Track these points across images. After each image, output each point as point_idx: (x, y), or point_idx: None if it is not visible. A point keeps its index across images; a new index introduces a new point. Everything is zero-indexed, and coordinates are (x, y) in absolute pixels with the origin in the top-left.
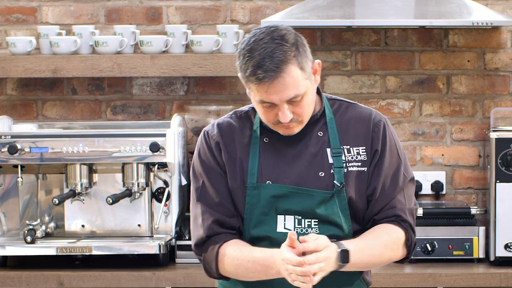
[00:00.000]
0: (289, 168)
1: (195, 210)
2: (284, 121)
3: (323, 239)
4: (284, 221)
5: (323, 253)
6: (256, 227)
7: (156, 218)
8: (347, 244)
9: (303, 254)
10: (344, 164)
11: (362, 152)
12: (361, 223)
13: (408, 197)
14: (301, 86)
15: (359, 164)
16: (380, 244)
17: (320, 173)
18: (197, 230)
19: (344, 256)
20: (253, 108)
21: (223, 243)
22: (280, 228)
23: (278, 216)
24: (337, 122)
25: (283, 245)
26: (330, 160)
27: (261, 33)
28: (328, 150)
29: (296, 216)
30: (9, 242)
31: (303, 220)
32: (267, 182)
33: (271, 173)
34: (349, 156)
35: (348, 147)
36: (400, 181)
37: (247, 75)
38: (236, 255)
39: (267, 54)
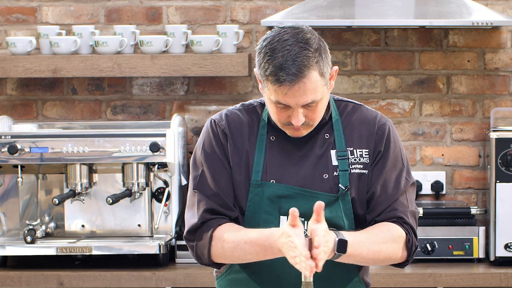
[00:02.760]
0: (294, 169)
1: (192, 199)
2: (297, 125)
3: (325, 225)
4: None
5: (325, 237)
6: (259, 226)
7: (156, 218)
8: (346, 234)
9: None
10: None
11: (365, 154)
12: (363, 226)
13: (410, 200)
14: (319, 92)
15: (361, 166)
16: (379, 240)
17: (324, 175)
18: (192, 218)
19: (342, 245)
20: (260, 103)
21: (217, 227)
22: None
23: (281, 216)
24: (343, 124)
25: (287, 225)
26: (334, 162)
27: (285, 34)
28: (333, 152)
29: (299, 217)
30: (9, 242)
31: (306, 222)
32: (271, 181)
33: (275, 172)
34: (352, 158)
35: (352, 149)
36: (402, 184)
37: (267, 75)
38: (231, 237)
39: (290, 57)
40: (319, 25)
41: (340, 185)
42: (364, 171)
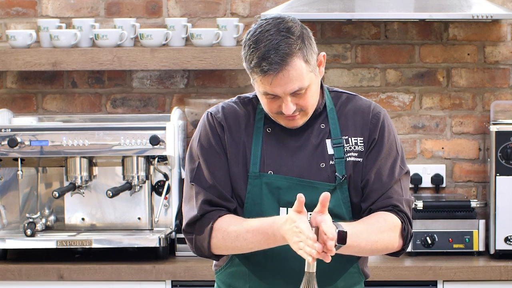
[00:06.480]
0: (292, 159)
1: (189, 192)
2: (287, 113)
3: (330, 217)
4: (287, 213)
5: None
6: (259, 217)
7: (156, 211)
8: (344, 226)
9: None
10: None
11: (360, 142)
12: (358, 213)
13: (405, 188)
14: (305, 79)
15: (356, 154)
16: (376, 230)
17: (321, 164)
18: (190, 211)
19: (342, 237)
20: (256, 96)
21: (217, 219)
22: None
23: (281, 208)
24: (338, 113)
25: (292, 211)
26: (330, 151)
27: (267, 24)
28: (328, 141)
29: None
30: (9, 235)
31: (306, 212)
32: (269, 172)
33: (273, 163)
34: (348, 146)
35: (347, 137)
36: (396, 172)
37: (252, 67)
38: (233, 228)
39: (272, 47)
40: (319, 18)
41: (337, 173)
42: (359, 159)
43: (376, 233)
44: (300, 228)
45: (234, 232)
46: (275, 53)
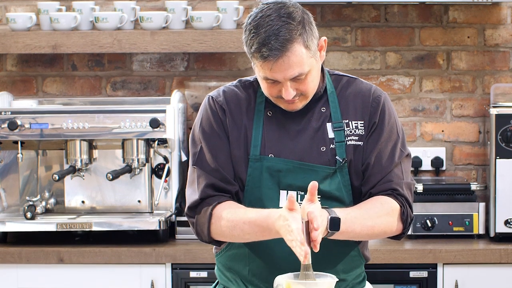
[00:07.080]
0: (292, 143)
1: (192, 175)
2: (287, 98)
3: (319, 205)
4: (287, 195)
5: (321, 218)
6: (258, 201)
7: (156, 194)
8: (338, 212)
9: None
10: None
11: (361, 126)
12: (359, 197)
13: (405, 171)
14: (306, 65)
15: (357, 138)
16: (373, 215)
17: (321, 147)
18: (192, 194)
19: (335, 223)
20: (257, 79)
21: (216, 205)
22: (282, 204)
23: (281, 191)
24: (338, 97)
25: (285, 208)
26: (330, 135)
27: (268, 9)
28: (329, 124)
29: (299, 191)
30: (9, 218)
31: (305, 195)
32: (269, 155)
33: (274, 147)
34: (348, 130)
35: (348, 121)
36: (396, 155)
37: (252, 52)
38: (230, 216)
39: (272, 32)
40: (319, 1)
41: (337, 157)
42: (360, 143)
43: (373, 218)
44: (292, 228)
45: (231, 222)
46: (275, 39)
